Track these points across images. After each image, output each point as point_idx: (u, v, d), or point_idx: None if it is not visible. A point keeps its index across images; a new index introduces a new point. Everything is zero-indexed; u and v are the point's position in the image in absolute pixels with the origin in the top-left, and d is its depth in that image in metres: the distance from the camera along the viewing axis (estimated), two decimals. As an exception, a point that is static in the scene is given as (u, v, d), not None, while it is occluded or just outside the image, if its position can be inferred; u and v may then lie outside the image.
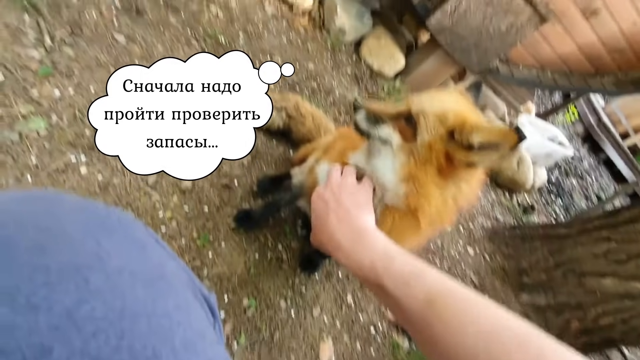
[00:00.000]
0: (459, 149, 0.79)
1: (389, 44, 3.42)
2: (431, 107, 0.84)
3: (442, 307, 0.53)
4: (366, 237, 0.71)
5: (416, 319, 0.56)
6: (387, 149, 0.89)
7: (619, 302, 2.42)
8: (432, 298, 0.55)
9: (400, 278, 0.60)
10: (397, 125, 0.87)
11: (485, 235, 2.99)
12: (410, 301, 0.56)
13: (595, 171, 8.25)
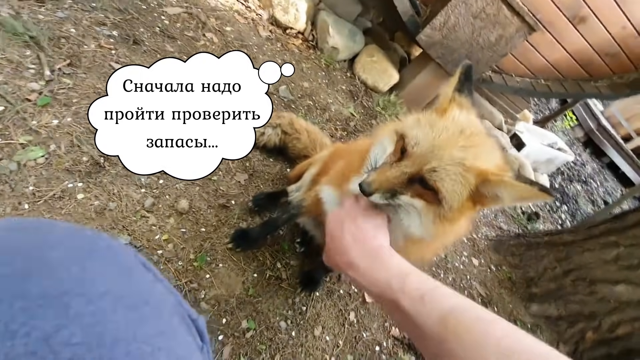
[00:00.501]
0: (486, 199, 0.82)
1: (381, 60, 3.48)
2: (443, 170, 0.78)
3: (457, 325, 0.53)
4: (382, 256, 0.73)
5: (431, 335, 0.55)
6: (411, 209, 0.86)
7: (635, 310, 2.34)
8: (447, 315, 0.55)
9: (416, 295, 0.60)
10: (415, 192, 0.83)
11: (489, 246, 2.94)
12: (425, 318, 0.57)
13: (600, 175, 8.18)
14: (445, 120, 0.84)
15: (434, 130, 0.82)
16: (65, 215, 1.26)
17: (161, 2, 2.36)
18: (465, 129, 0.82)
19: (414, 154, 0.80)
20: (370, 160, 0.97)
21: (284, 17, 3.16)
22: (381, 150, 0.94)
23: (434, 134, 0.81)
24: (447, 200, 0.80)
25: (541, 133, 4.75)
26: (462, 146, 0.79)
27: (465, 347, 0.50)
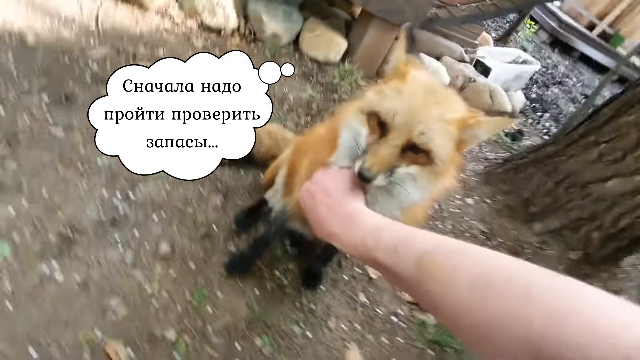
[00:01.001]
0: (466, 142, 0.88)
1: (325, 32, 3.38)
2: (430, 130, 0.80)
3: (430, 264, 0.53)
4: (355, 219, 0.73)
5: (411, 282, 0.56)
6: (407, 178, 0.88)
7: (630, 199, 2.39)
8: (421, 258, 0.55)
9: (390, 247, 0.61)
10: (409, 161, 0.85)
11: (480, 180, 2.97)
12: (402, 266, 0.57)
13: (574, 71, 8.15)
14: (409, 84, 0.86)
15: (405, 96, 0.83)
16: (51, 302, 1.25)
17: (83, 48, 2.26)
18: (430, 87, 0.86)
19: (397, 125, 0.81)
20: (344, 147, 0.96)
21: (214, 20, 3.03)
22: (353, 134, 0.92)
23: (408, 100, 0.82)
24: (440, 157, 0.84)
25: (503, 52, 4.69)
26: (435, 103, 0.82)
27: (440, 285, 0.50)
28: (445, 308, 0.50)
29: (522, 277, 0.43)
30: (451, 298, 0.48)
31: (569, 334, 0.35)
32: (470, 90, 3.89)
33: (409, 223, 0.98)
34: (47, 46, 2.11)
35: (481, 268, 0.47)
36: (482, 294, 0.44)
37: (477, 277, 0.46)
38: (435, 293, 0.51)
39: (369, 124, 0.88)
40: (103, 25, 2.47)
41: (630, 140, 2.38)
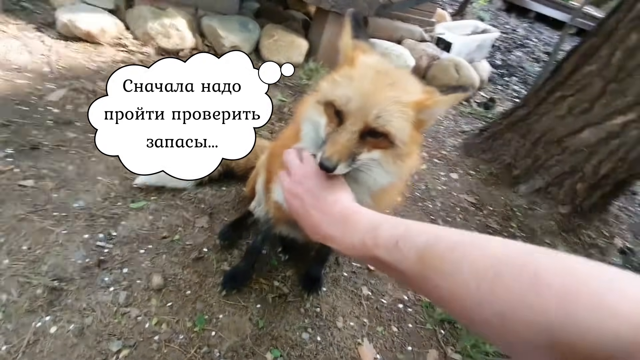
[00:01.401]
0: (425, 122, 0.89)
1: (284, 35, 3.37)
2: (386, 112, 0.80)
3: (433, 258, 0.52)
4: (350, 218, 0.71)
5: (414, 277, 0.55)
6: (371, 163, 0.88)
7: (606, 146, 2.45)
8: (423, 252, 0.54)
9: (390, 243, 0.59)
10: (370, 146, 0.84)
11: (460, 154, 3.00)
12: (405, 262, 0.56)
13: (533, 32, 8.33)
14: (359, 69, 0.85)
15: (356, 81, 0.82)
16: (48, 356, 1.21)
17: (40, 94, 2.21)
18: (381, 70, 0.84)
19: (352, 111, 0.80)
20: (307, 140, 0.95)
21: (170, 42, 3.00)
22: (314, 125, 0.92)
23: (359, 84, 0.81)
24: (400, 139, 0.83)
25: (461, 25, 4.76)
26: (388, 85, 0.81)
27: (445, 277, 0.49)
28: (455, 303, 0.49)
29: (529, 263, 0.43)
30: (460, 293, 0.48)
31: (579, 313, 0.36)
32: (436, 68, 3.93)
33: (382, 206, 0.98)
34: (3, 98, 2.05)
35: (487, 260, 0.46)
36: (491, 286, 0.44)
37: (484, 270, 0.45)
38: (442, 288, 0.50)
39: (326, 113, 0.87)
40: (57, 67, 2.41)
41: (595, 89, 2.44)
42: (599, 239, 2.61)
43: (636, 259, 2.65)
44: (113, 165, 1.91)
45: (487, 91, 4.57)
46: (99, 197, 1.74)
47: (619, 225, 2.88)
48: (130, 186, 1.83)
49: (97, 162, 1.90)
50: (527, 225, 2.46)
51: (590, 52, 2.50)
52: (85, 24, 2.62)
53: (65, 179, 1.79)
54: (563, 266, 0.41)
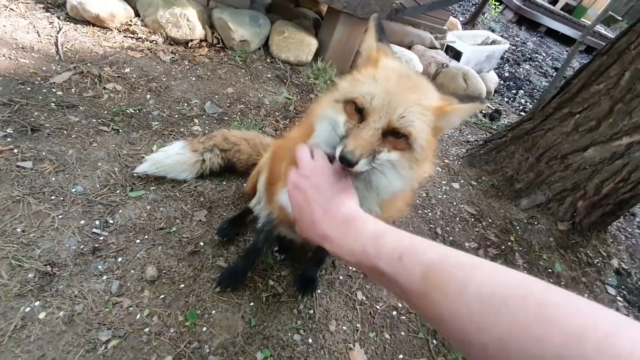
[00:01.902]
0: (441, 129, 0.89)
1: (294, 33, 3.35)
2: (410, 113, 0.80)
3: (438, 277, 0.51)
4: (354, 223, 0.69)
5: (415, 293, 0.54)
6: (388, 166, 0.86)
7: (610, 165, 2.44)
8: (427, 269, 0.53)
9: (394, 256, 0.58)
10: (390, 146, 0.83)
11: (463, 164, 2.99)
12: (406, 277, 0.55)
13: (542, 46, 8.32)
14: (381, 70, 0.85)
15: (380, 80, 0.82)
16: (35, 342, 1.19)
17: (45, 75, 2.18)
18: (403, 73, 0.85)
19: (375, 109, 0.80)
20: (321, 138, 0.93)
21: (179, 32, 2.98)
22: (330, 124, 0.90)
23: (384, 84, 0.81)
24: (418, 142, 0.83)
25: (472, 34, 4.74)
26: (411, 88, 0.82)
27: (448, 297, 0.49)
28: (453, 324, 0.48)
29: (537, 295, 0.43)
30: (461, 314, 0.47)
31: (587, 353, 0.35)
32: (444, 75, 3.92)
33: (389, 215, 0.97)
34: (6, 77, 2.03)
35: (494, 285, 0.46)
36: (495, 311, 0.43)
37: (489, 295, 0.45)
38: (443, 307, 0.49)
39: (345, 111, 0.86)
40: (64, 50, 2.39)
41: (603, 108, 2.43)
42: (596, 258, 2.60)
43: (631, 280, 2.64)
44: (114, 152, 1.90)
45: (493, 102, 4.56)
46: (98, 183, 1.72)
47: (616, 246, 2.87)
48: (130, 174, 1.81)
49: (98, 148, 1.88)
50: (526, 240, 2.45)
51: (600, 70, 2.49)
52: (95, 8, 2.59)
53: (65, 163, 1.77)
54: (569, 302, 0.41)
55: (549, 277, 2.27)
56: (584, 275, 2.42)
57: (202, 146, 1.90)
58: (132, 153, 1.93)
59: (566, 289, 0.43)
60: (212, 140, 1.94)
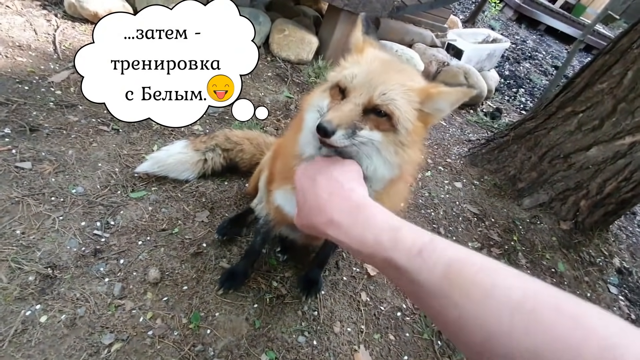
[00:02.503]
0: (430, 116, 0.87)
1: (294, 31, 3.32)
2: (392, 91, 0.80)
3: (461, 277, 0.48)
4: (366, 211, 0.64)
5: (432, 291, 0.51)
6: (372, 148, 0.84)
7: (612, 165, 2.43)
8: (449, 268, 0.50)
9: (413, 251, 0.54)
10: (372, 124, 0.81)
11: (465, 163, 2.98)
12: (425, 274, 0.52)
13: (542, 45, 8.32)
14: (367, 56, 0.88)
15: (363, 63, 0.85)
16: (36, 346, 1.17)
17: (43, 74, 2.15)
18: (388, 59, 0.88)
19: (357, 86, 0.80)
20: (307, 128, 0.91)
21: (178, 30, 2.94)
22: (318, 110, 0.89)
23: (367, 65, 0.84)
24: (402, 123, 0.82)
25: (472, 32, 4.72)
26: (395, 71, 0.84)
27: (471, 299, 0.46)
28: (474, 328, 0.46)
29: (569, 305, 0.42)
30: (486, 319, 0.44)
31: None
32: (445, 74, 3.90)
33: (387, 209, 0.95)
34: (3, 76, 2.00)
35: (523, 292, 0.44)
36: (527, 319, 0.42)
37: (519, 302, 0.43)
38: (463, 309, 0.47)
39: (330, 95, 0.87)
40: (62, 48, 2.36)
41: (606, 107, 2.41)
42: (598, 257, 2.59)
43: (632, 279, 2.64)
44: (114, 152, 1.87)
45: (494, 101, 4.54)
46: (98, 184, 1.70)
47: (618, 245, 2.87)
48: (130, 174, 1.79)
49: (98, 148, 1.86)
50: (528, 239, 2.44)
51: (603, 69, 2.48)
52: (93, 5, 2.56)
53: (65, 163, 1.74)
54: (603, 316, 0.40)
55: (552, 276, 2.26)
56: (586, 274, 2.42)
57: (204, 145, 1.88)
58: (132, 153, 1.91)
59: (569, 288, 0.43)
60: (214, 139, 1.92)
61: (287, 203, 1.15)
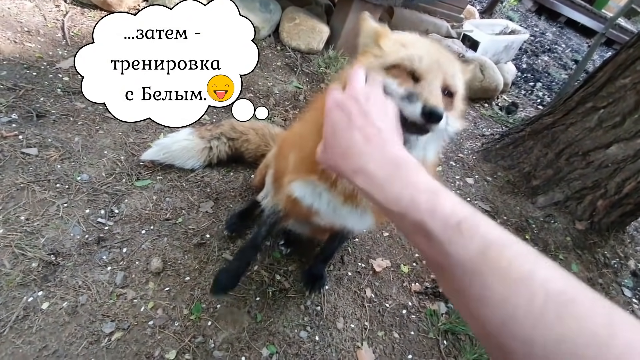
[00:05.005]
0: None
1: (305, 19, 3.25)
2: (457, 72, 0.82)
3: (499, 258, 0.45)
4: (406, 168, 0.58)
5: (462, 266, 0.47)
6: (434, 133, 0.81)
7: (633, 163, 2.32)
8: (488, 247, 0.46)
9: (451, 221, 0.50)
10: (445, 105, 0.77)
11: (478, 158, 2.89)
12: (459, 247, 0.48)
13: (562, 37, 8.03)
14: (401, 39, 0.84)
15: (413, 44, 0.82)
16: (37, 333, 1.17)
17: (51, 60, 2.14)
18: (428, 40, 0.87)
19: (428, 68, 0.77)
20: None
21: (188, 18, 2.90)
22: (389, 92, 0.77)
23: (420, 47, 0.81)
24: (459, 99, 0.85)
25: (490, 23, 4.57)
26: (442, 50, 0.84)
27: (505, 282, 0.43)
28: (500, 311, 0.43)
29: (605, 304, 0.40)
30: (517, 303, 0.41)
31: None
32: (459, 66, 3.79)
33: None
34: (11, 61, 1.99)
35: (563, 283, 0.42)
36: (560, 309, 0.39)
37: (556, 292, 0.41)
38: (494, 291, 0.44)
39: (392, 75, 0.77)
40: (70, 34, 2.34)
41: (628, 103, 2.30)
42: (613, 258, 2.50)
43: (648, 282, 2.55)
44: (120, 140, 1.86)
45: (510, 95, 4.40)
46: (104, 172, 1.69)
47: (634, 246, 2.77)
48: (136, 163, 1.78)
49: (104, 136, 1.84)
50: (542, 239, 2.36)
51: (627, 64, 2.36)
52: (102, -9, 2.53)
53: (71, 150, 1.73)
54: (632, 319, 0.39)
55: (564, 277, 2.19)
56: (600, 276, 2.33)
57: (209, 134, 1.85)
58: (138, 141, 1.89)
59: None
60: (219, 128, 1.89)
61: (306, 194, 1.08)
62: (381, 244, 1.92)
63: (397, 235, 2.00)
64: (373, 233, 1.96)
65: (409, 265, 1.86)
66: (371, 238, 1.93)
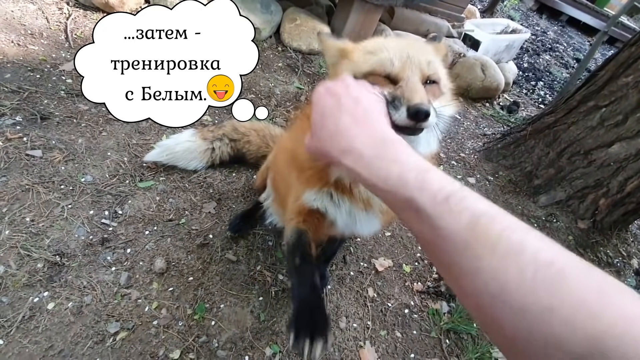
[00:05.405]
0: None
1: (306, 20, 3.26)
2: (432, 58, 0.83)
3: (488, 231, 0.45)
4: (393, 147, 0.59)
5: (452, 241, 0.47)
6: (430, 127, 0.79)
7: (635, 162, 2.32)
8: (477, 220, 0.46)
9: (440, 196, 0.50)
10: (430, 94, 0.79)
11: (480, 158, 2.89)
12: (449, 221, 0.48)
13: (563, 36, 8.01)
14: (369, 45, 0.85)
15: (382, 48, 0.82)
16: (43, 333, 1.18)
17: (54, 62, 2.16)
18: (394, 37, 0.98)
19: (402, 67, 0.77)
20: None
21: (190, 19, 2.92)
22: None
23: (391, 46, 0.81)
24: (444, 82, 0.85)
25: (491, 23, 4.57)
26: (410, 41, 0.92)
27: (496, 254, 0.43)
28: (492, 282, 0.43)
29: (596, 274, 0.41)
30: (509, 274, 0.42)
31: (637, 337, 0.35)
32: (461, 65, 3.79)
33: None
34: (15, 64, 2.01)
35: (552, 254, 0.42)
36: (552, 279, 0.40)
37: (546, 262, 0.41)
38: (485, 262, 0.44)
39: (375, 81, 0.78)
40: (73, 37, 2.36)
41: (630, 102, 2.30)
42: (616, 257, 2.50)
43: (651, 281, 2.54)
44: (123, 141, 1.87)
45: (512, 94, 4.40)
46: (107, 173, 1.70)
47: (636, 245, 2.77)
48: (139, 164, 1.79)
49: (107, 137, 1.86)
50: (543, 238, 2.36)
51: (629, 62, 2.35)
52: (105, -6, 2.55)
53: (75, 152, 1.75)
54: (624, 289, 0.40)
55: (567, 276, 2.19)
56: (603, 275, 2.33)
57: (211, 135, 1.87)
58: (141, 143, 1.90)
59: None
60: (221, 129, 1.90)
61: (326, 203, 1.00)
62: (383, 244, 1.93)
63: (399, 235, 2.01)
64: (375, 233, 1.97)
65: (411, 265, 1.86)
66: (373, 238, 1.94)
